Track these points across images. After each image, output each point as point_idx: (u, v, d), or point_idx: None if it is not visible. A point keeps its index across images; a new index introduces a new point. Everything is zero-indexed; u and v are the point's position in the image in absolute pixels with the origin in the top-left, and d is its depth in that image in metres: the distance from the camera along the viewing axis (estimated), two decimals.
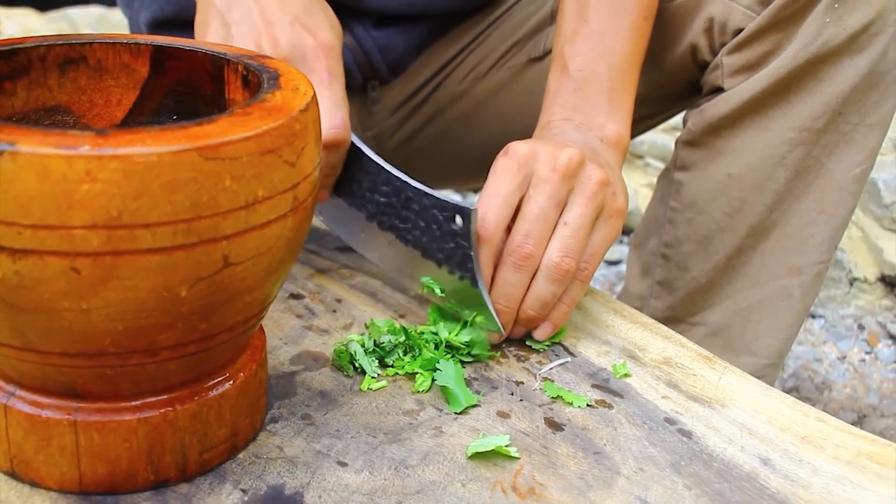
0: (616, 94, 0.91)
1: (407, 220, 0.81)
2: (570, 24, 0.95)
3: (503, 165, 0.78)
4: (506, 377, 0.75)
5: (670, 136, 2.21)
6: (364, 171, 0.83)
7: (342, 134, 0.80)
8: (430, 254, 0.80)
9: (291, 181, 0.54)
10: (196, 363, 0.57)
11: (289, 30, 0.81)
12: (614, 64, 0.92)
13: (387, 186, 0.82)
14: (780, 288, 1.01)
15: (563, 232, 0.77)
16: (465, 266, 0.77)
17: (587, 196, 0.78)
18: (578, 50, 0.92)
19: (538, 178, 0.77)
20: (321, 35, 0.82)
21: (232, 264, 0.52)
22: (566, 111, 0.90)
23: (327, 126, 0.78)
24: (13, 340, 0.53)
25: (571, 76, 0.91)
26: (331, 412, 0.69)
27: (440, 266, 0.79)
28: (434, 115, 1.25)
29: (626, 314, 0.86)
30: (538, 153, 0.78)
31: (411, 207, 0.80)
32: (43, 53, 0.64)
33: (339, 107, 0.80)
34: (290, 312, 0.83)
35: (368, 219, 0.85)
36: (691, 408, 0.72)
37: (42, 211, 0.47)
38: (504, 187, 0.77)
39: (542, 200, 0.77)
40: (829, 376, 1.72)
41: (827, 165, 0.97)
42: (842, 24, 0.91)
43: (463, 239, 0.76)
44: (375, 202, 0.83)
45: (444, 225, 0.78)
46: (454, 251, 0.77)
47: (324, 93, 0.79)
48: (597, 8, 0.94)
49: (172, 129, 0.49)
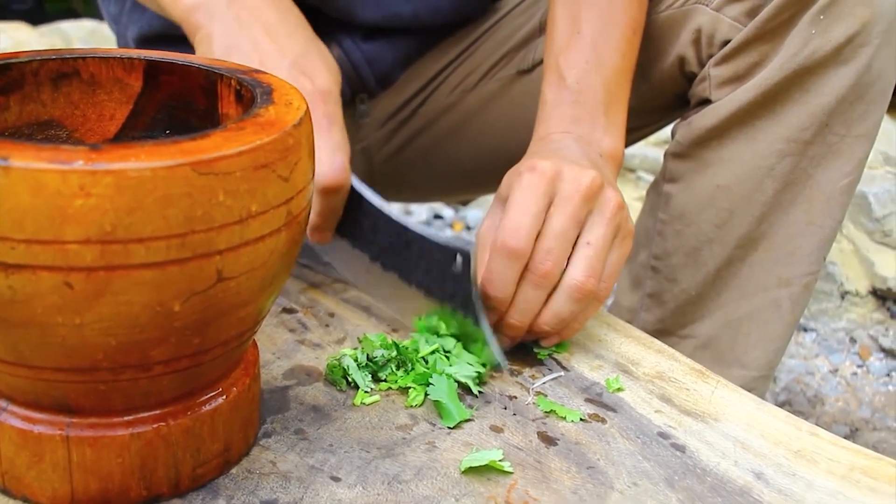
0: (611, 107, 0.92)
1: (409, 261, 0.81)
2: (563, 36, 0.95)
3: (530, 182, 0.79)
4: (499, 391, 0.75)
5: (660, 150, 2.22)
6: (364, 212, 0.84)
7: (342, 178, 0.80)
8: (433, 294, 0.80)
9: (285, 196, 0.54)
10: (189, 378, 0.57)
11: (287, 75, 0.81)
12: (608, 77, 0.93)
13: (388, 228, 0.82)
14: (769, 299, 1.02)
15: (587, 252, 0.78)
16: (467, 306, 0.78)
17: (607, 218, 0.79)
18: (574, 61, 0.93)
19: (561, 197, 0.78)
20: (319, 80, 0.82)
21: (226, 279, 0.52)
22: (565, 123, 0.90)
23: (327, 170, 0.79)
24: (5, 355, 0.53)
25: (568, 87, 0.92)
26: (324, 427, 0.68)
27: (443, 305, 0.80)
28: (423, 127, 1.26)
29: (618, 328, 0.87)
30: (563, 173, 0.79)
31: (412, 249, 0.81)
32: (36, 68, 0.64)
33: (338, 151, 0.80)
34: (282, 327, 0.83)
35: (372, 260, 0.85)
36: (684, 422, 0.72)
37: (35, 226, 0.47)
38: (533, 205, 0.78)
39: (564, 220, 0.78)
40: (822, 390, 1.73)
41: (814, 176, 0.97)
42: (827, 36, 0.91)
43: (464, 280, 0.77)
44: (377, 244, 0.84)
45: (444, 267, 0.78)
46: (456, 292, 0.78)
47: (323, 138, 0.79)
48: (589, 21, 0.95)
49: (166, 144, 0.49)
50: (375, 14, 1.13)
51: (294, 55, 0.84)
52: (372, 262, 0.85)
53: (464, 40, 1.22)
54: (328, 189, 0.80)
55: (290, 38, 0.86)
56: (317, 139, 0.78)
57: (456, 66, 1.22)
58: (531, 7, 1.19)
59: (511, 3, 1.22)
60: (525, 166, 0.80)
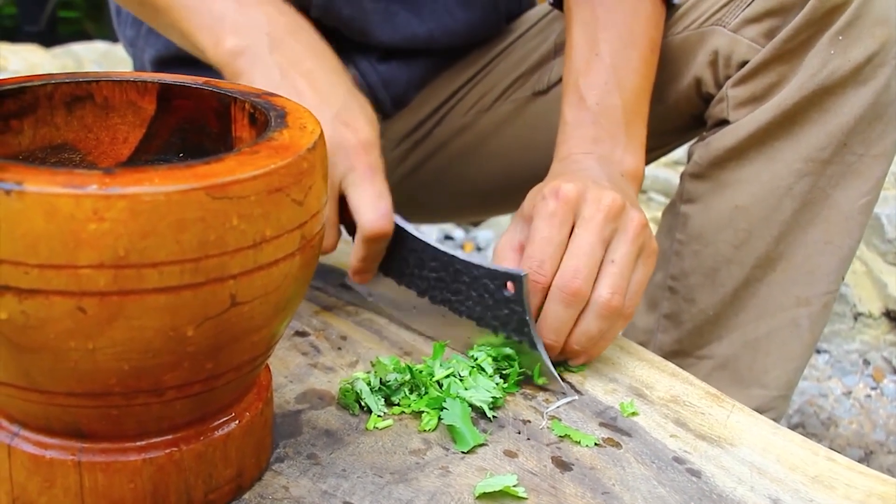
0: (631, 127, 0.93)
1: (459, 293, 0.82)
2: (582, 58, 0.96)
3: (553, 210, 0.79)
4: (513, 416, 0.74)
5: (673, 171, 2.22)
6: (409, 249, 0.85)
7: (387, 226, 0.82)
8: (485, 322, 0.81)
9: (299, 220, 0.54)
10: (202, 403, 0.57)
11: (330, 128, 0.83)
12: (628, 97, 0.93)
13: (435, 262, 0.83)
14: (788, 319, 1.01)
15: (612, 269, 0.79)
16: (521, 331, 0.78)
17: (631, 236, 0.80)
18: (593, 83, 0.94)
19: (584, 217, 0.79)
20: (361, 132, 0.84)
21: (239, 303, 0.52)
22: (586, 143, 0.91)
23: (372, 219, 0.81)
24: (18, 380, 0.52)
25: (589, 108, 0.93)
26: (336, 451, 0.68)
27: (496, 333, 0.80)
28: (437, 148, 1.26)
29: (632, 351, 0.86)
30: (585, 194, 0.80)
31: (462, 280, 0.82)
32: (50, 91, 0.64)
33: (382, 199, 0.82)
34: (295, 350, 0.82)
35: (420, 295, 0.86)
36: (700, 447, 0.71)
37: (49, 250, 0.47)
38: (556, 234, 0.79)
39: (590, 238, 0.79)
40: (835, 412, 1.71)
41: (833, 196, 0.97)
42: (846, 56, 0.92)
43: (517, 304, 0.78)
44: (425, 278, 0.85)
45: (496, 293, 0.79)
46: (509, 317, 0.79)
47: (366, 187, 0.82)
48: (608, 42, 0.95)
49: (180, 168, 0.49)
50: (392, 35, 1.13)
51: (336, 107, 0.85)
52: (420, 296, 0.86)
53: (479, 61, 1.23)
54: (373, 237, 0.82)
55: (331, 89, 0.87)
56: (361, 189, 0.81)
57: (471, 87, 1.23)
58: (545, 29, 1.19)
59: (525, 25, 1.22)
60: (548, 189, 0.81)
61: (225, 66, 0.88)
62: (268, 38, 0.88)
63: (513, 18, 1.25)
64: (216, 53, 0.88)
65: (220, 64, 0.88)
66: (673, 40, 1.04)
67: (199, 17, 0.89)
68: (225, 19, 0.88)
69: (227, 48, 0.87)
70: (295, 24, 0.91)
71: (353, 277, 0.88)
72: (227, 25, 0.88)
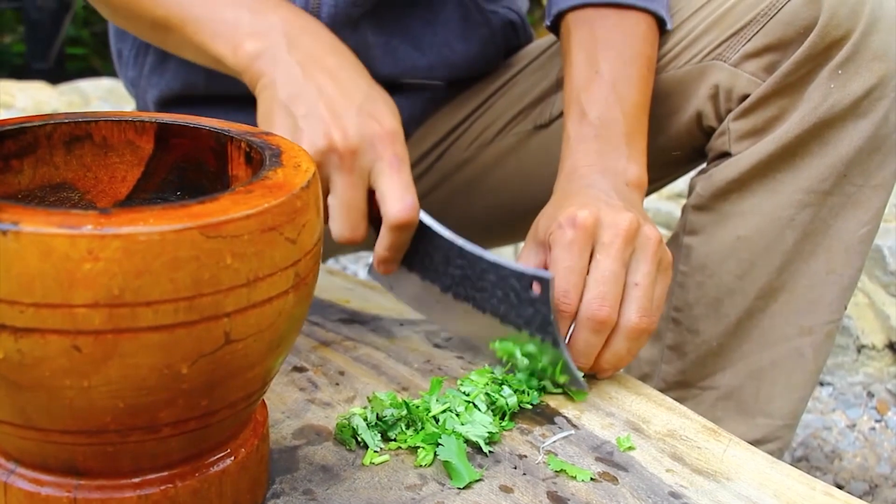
0: (632, 139, 0.94)
1: (483, 290, 0.84)
2: (582, 75, 0.98)
3: (572, 238, 0.81)
4: (509, 450, 0.74)
5: (675, 203, 2.22)
6: (434, 246, 0.87)
7: (413, 216, 0.84)
8: (509, 320, 0.83)
9: (292, 258, 0.55)
10: (197, 439, 0.57)
11: (356, 120, 0.84)
12: (628, 111, 0.95)
13: (461, 259, 0.85)
14: (791, 349, 1.02)
15: (637, 293, 0.81)
16: (545, 329, 0.81)
17: (650, 255, 0.82)
18: (594, 98, 0.96)
19: (603, 243, 0.81)
20: (386, 122, 0.86)
21: (233, 341, 0.53)
22: (590, 156, 0.93)
23: (399, 208, 0.83)
24: (14, 418, 0.53)
25: (591, 123, 0.94)
26: (333, 487, 0.68)
27: (520, 330, 0.83)
28: (439, 182, 1.27)
29: (629, 385, 0.86)
30: (601, 220, 0.82)
31: (487, 278, 0.84)
32: (49, 131, 0.65)
33: (408, 190, 0.84)
34: (293, 385, 0.83)
35: (443, 290, 0.88)
36: (696, 481, 0.71)
37: (44, 289, 0.47)
38: (578, 262, 0.81)
39: (611, 263, 0.81)
40: (839, 445, 1.71)
41: (834, 227, 0.99)
42: (845, 90, 0.94)
43: (542, 305, 0.80)
44: (450, 275, 0.87)
45: (521, 293, 0.81)
46: (534, 316, 0.81)
47: (393, 177, 0.84)
48: (607, 60, 0.98)
49: (174, 208, 0.50)
50: (392, 68, 1.15)
51: (360, 100, 0.86)
52: (443, 293, 0.88)
53: (480, 96, 1.24)
54: (399, 226, 0.84)
55: (353, 83, 0.88)
56: (388, 178, 0.83)
57: (472, 121, 1.24)
58: (547, 64, 1.20)
59: (526, 59, 1.23)
60: (564, 217, 0.82)
61: (245, 70, 0.89)
62: (285, 38, 0.89)
63: (512, 52, 1.27)
64: (235, 59, 0.90)
65: (241, 69, 0.90)
66: (674, 74, 1.05)
67: (213, 28, 0.91)
68: (240, 26, 0.90)
69: (246, 52, 0.89)
70: (310, 24, 0.93)
71: (378, 267, 0.90)
72: (243, 31, 0.90)
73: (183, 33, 0.93)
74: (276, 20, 0.91)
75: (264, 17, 0.91)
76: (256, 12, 0.91)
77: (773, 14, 0.96)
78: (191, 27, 0.92)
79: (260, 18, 0.90)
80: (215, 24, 0.91)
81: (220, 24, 0.91)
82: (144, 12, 0.95)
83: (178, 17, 0.93)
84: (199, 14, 0.92)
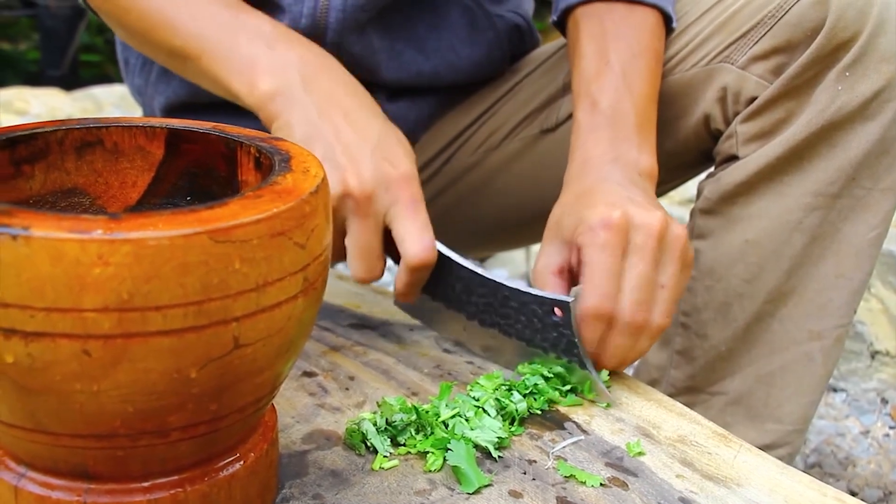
0: (642, 129, 0.95)
1: (507, 317, 0.86)
2: (592, 66, 0.99)
3: (606, 241, 0.82)
4: (518, 456, 0.74)
5: (684, 209, 2.22)
6: (456, 276, 0.89)
7: (430, 257, 0.86)
8: (535, 343, 0.85)
9: (301, 263, 0.55)
10: (206, 444, 0.57)
11: (371, 164, 0.85)
12: (638, 102, 0.96)
13: (483, 288, 0.87)
14: (801, 353, 1.02)
15: (664, 295, 0.83)
16: (570, 352, 0.82)
17: (677, 256, 0.83)
18: (605, 88, 0.96)
19: (636, 245, 0.82)
20: (401, 165, 0.87)
21: (242, 346, 0.53)
22: (602, 145, 0.93)
23: (417, 250, 0.85)
24: (24, 422, 0.53)
25: (602, 112, 0.95)
26: (342, 492, 0.68)
27: (547, 353, 0.84)
28: (445, 186, 1.27)
29: (640, 391, 0.86)
30: (632, 221, 0.82)
31: (510, 305, 0.85)
32: (61, 137, 0.66)
33: (425, 230, 0.86)
34: (303, 390, 0.83)
35: (469, 318, 0.90)
36: (706, 487, 0.71)
37: (55, 294, 0.47)
38: (615, 265, 0.82)
39: (645, 268, 0.82)
40: (853, 452, 1.70)
41: (843, 230, 0.98)
42: (853, 92, 0.93)
43: (565, 328, 0.82)
44: (474, 304, 0.89)
45: (544, 318, 0.83)
46: (558, 339, 0.83)
47: (409, 219, 0.85)
48: (617, 52, 0.98)
49: (184, 213, 0.50)
50: (398, 73, 1.15)
51: (374, 141, 0.88)
52: (469, 320, 0.90)
53: (486, 101, 1.24)
54: (417, 267, 0.86)
55: (368, 125, 0.89)
56: (405, 221, 0.85)
57: (479, 126, 1.24)
58: (553, 68, 1.20)
59: (532, 64, 1.24)
60: (596, 219, 0.83)
61: (261, 108, 0.90)
62: (301, 77, 0.90)
63: (518, 56, 1.27)
64: (252, 97, 0.90)
65: (257, 107, 0.90)
66: (682, 77, 1.05)
67: (230, 63, 0.91)
68: (257, 63, 0.90)
69: (263, 91, 0.89)
70: (326, 62, 0.93)
71: (399, 298, 0.92)
72: (259, 68, 0.90)
73: (199, 64, 0.93)
74: (293, 57, 0.91)
75: (281, 54, 0.91)
76: (273, 48, 0.91)
77: (780, 16, 0.96)
78: (206, 60, 0.92)
79: (276, 55, 0.91)
80: (232, 61, 0.91)
81: (236, 61, 0.91)
82: (162, 41, 0.96)
83: (196, 48, 0.93)
84: (215, 48, 0.92)
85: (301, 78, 0.90)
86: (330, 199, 0.82)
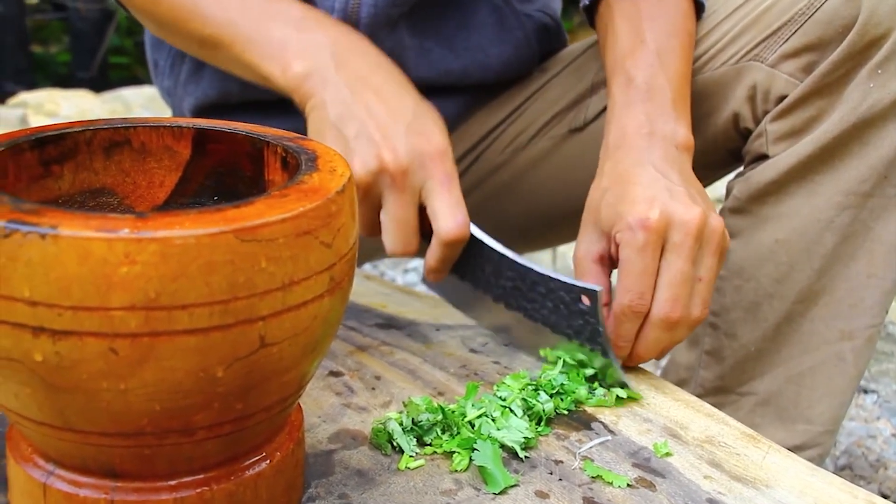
0: (677, 103, 0.94)
1: (534, 301, 0.87)
2: (627, 44, 0.99)
3: (645, 242, 0.82)
4: (545, 456, 0.74)
5: None
6: (485, 258, 0.89)
7: (463, 233, 0.86)
8: (559, 330, 0.86)
9: (328, 262, 0.55)
10: (232, 442, 0.57)
11: (405, 139, 0.86)
12: (672, 78, 0.96)
13: (511, 272, 0.88)
14: (831, 353, 1.01)
15: (701, 287, 0.84)
16: (594, 340, 0.83)
17: (714, 248, 0.84)
18: (640, 65, 0.96)
19: (674, 243, 0.82)
20: (435, 140, 0.87)
21: (268, 345, 0.53)
22: (638, 119, 0.93)
23: (451, 225, 0.85)
24: (53, 420, 0.53)
25: (637, 87, 0.95)
26: (368, 491, 0.68)
27: (570, 340, 0.85)
28: (474, 186, 1.27)
29: (667, 391, 0.85)
30: (671, 219, 0.82)
31: (537, 290, 0.86)
32: (89, 137, 0.66)
33: (458, 207, 0.86)
34: (329, 390, 0.83)
35: (495, 300, 0.90)
36: (735, 488, 0.71)
37: (82, 293, 0.48)
38: (651, 264, 0.83)
39: (683, 265, 0.82)
40: (884, 454, 1.68)
41: (874, 229, 0.97)
42: (886, 89, 0.93)
43: (591, 317, 0.82)
44: (501, 286, 0.89)
45: (571, 305, 0.83)
46: (583, 327, 0.83)
47: (444, 194, 0.86)
48: (652, 31, 0.98)
49: (210, 212, 0.50)
50: (428, 71, 1.15)
51: (408, 118, 0.88)
52: (495, 302, 0.90)
53: (515, 100, 1.24)
54: (450, 242, 0.86)
55: (400, 102, 0.90)
56: (438, 196, 0.86)
57: (507, 125, 1.24)
58: (582, 68, 1.20)
59: (561, 63, 1.23)
60: (634, 219, 0.83)
61: (295, 90, 0.91)
62: (333, 57, 0.91)
63: (546, 56, 1.26)
64: (285, 79, 0.91)
65: (290, 89, 0.91)
66: (711, 76, 1.05)
67: (262, 48, 0.92)
68: (288, 45, 0.91)
69: (295, 72, 0.90)
70: (356, 42, 0.94)
71: (428, 276, 0.92)
72: (291, 51, 0.91)
73: (231, 52, 0.94)
74: (324, 39, 0.92)
75: (312, 35, 0.92)
76: (303, 31, 0.92)
77: (811, 13, 0.95)
78: (239, 46, 0.93)
79: (307, 37, 0.92)
80: (263, 44, 0.92)
81: (267, 45, 0.92)
82: (193, 31, 0.97)
83: (227, 35, 0.94)
84: (246, 33, 0.93)
85: (332, 58, 0.90)
86: (365, 178, 0.84)
